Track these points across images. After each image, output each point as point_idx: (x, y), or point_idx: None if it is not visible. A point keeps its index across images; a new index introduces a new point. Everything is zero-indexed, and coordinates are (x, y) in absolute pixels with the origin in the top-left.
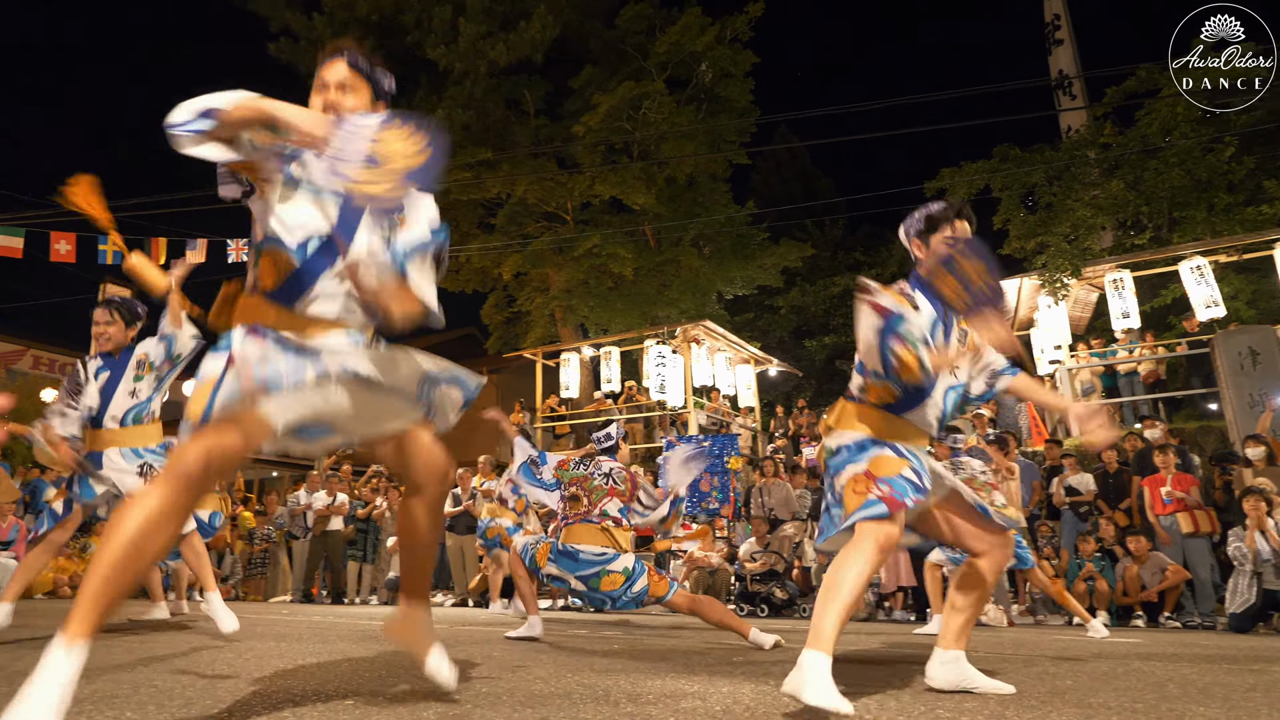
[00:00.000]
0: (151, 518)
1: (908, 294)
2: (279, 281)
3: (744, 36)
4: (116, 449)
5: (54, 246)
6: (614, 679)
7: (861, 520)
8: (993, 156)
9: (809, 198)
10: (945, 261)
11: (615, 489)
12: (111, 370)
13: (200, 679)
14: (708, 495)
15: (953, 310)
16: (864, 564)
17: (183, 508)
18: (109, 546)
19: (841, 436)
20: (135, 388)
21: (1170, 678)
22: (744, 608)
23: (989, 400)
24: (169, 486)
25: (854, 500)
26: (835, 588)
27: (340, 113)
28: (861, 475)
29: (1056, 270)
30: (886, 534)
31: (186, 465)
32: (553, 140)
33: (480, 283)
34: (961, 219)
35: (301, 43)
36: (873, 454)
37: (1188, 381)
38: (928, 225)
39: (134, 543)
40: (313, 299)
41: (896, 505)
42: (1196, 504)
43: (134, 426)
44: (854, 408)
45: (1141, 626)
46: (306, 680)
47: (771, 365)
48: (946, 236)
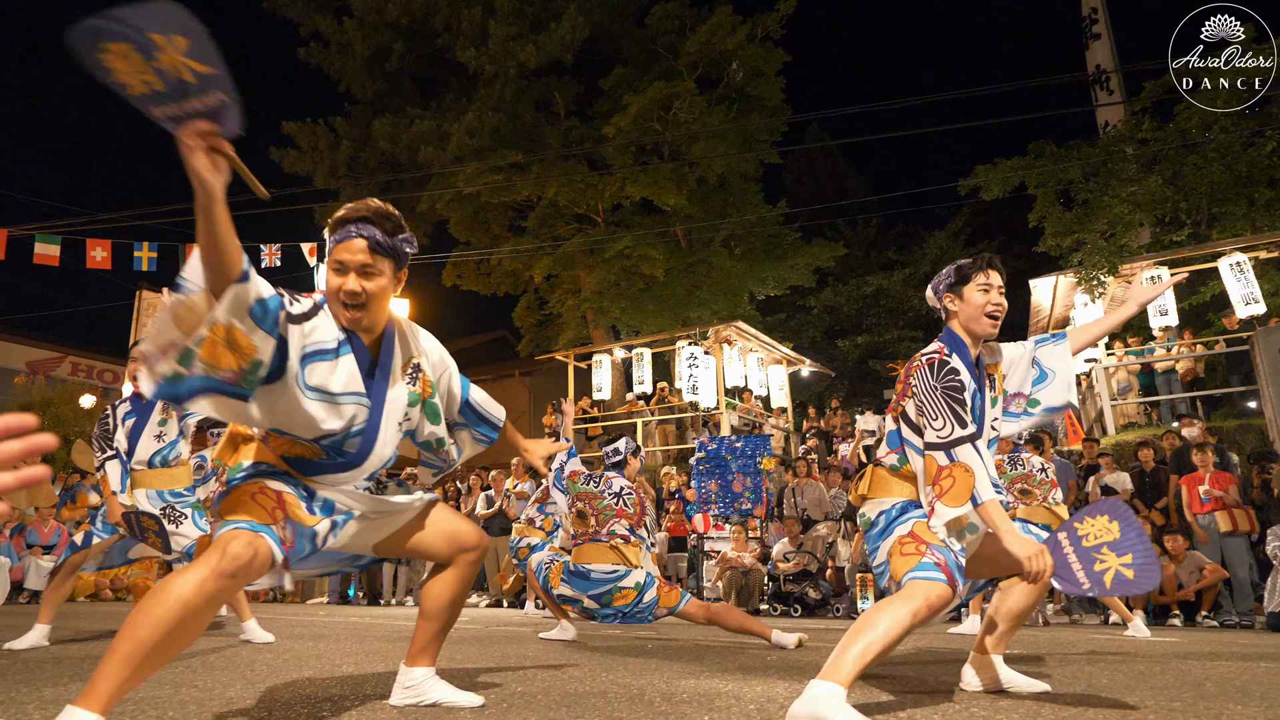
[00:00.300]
0: (189, 606)
1: (948, 360)
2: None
3: (775, 35)
4: (143, 490)
5: (90, 254)
6: (648, 679)
7: (915, 579)
8: (1028, 153)
9: (841, 196)
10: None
11: (624, 511)
12: (138, 415)
13: (240, 680)
14: (740, 496)
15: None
16: (907, 614)
17: (220, 600)
18: (141, 622)
19: (880, 504)
20: (161, 431)
21: (1208, 676)
22: (777, 608)
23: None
24: (215, 582)
25: (904, 562)
26: (869, 626)
27: (365, 301)
28: (908, 538)
29: (1093, 268)
30: (940, 594)
31: (237, 561)
32: (583, 142)
33: (512, 285)
34: (993, 268)
35: (332, 47)
36: (916, 518)
37: (1226, 379)
38: (960, 277)
39: (167, 629)
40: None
41: (952, 580)
42: (1235, 502)
43: (161, 469)
44: (887, 474)
45: (1179, 626)
46: (344, 681)
47: (804, 365)
48: (981, 284)
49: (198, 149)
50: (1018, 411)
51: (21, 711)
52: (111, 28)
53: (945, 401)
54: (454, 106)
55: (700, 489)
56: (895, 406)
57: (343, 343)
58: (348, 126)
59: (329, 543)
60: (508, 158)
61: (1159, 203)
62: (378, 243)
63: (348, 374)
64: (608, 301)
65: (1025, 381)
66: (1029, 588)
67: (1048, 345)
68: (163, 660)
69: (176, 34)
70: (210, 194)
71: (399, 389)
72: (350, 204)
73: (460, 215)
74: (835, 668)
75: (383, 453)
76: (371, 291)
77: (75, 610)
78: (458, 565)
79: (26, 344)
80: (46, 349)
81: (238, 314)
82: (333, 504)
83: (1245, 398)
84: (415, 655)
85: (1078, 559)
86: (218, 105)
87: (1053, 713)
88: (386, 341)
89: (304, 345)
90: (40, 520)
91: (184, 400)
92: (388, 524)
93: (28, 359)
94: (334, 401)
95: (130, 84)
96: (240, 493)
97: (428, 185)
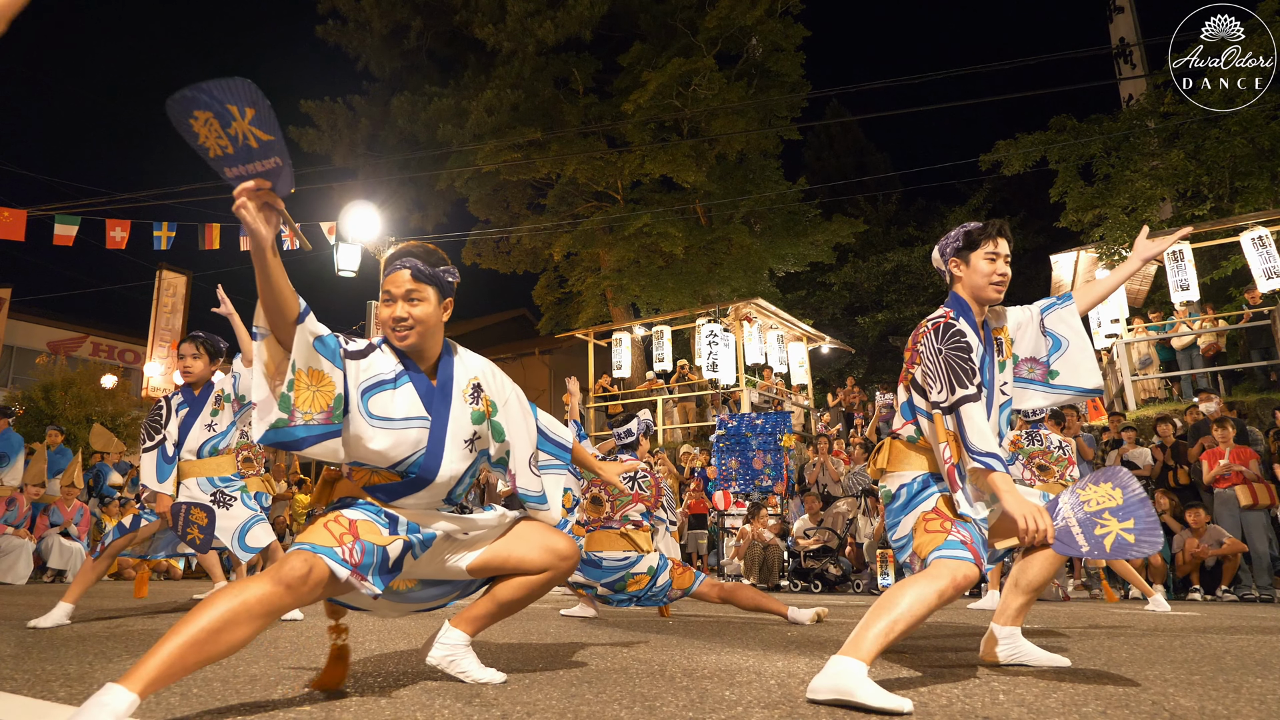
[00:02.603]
0: (247, 607)
1: (954, 323)
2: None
3: (795, 9)
4: (194, 479)
5: (109, 234)
6: (669, 655)
7: (942, 558)
8: (1049, 128)
9: (861, 172)
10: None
11: (640, 494)
12: (191, 405)
13: (264, 657)
14: (760, 473)
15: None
16: (933, 593)
17: (276, 610)
18: (196, 620)
19: (900, 477)
20: (212, 421)
21: (1227, 650)
22: (798, 584)
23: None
24: (272, 587)
25: (929, 539)
26: (892, 604)
27: (412, 324)
28: (932, 514)
29: (1115, 243)
30: (966, 574)
31: (293, 572)
32: (602, 119)
33: (531, 264)
34: (1002, 236)
35: (349, 24)
36: (939, 493)
37: (1247, 354)
38: (967, 242)
39: (217, 626)
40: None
41: (978, 558)
42: (1255, 476)
43: (210, 458)
44: (905, 447)
45: (1198, 600)
46: (368, 660)
47: (824, 342)
48: (989, 252)
49: (252, 204)
50: (1039, 381)
51: (47, 689)
52: (199, 98)
53: (950, 363)
54: (472, 84)
55: (721, 466)
56: (905, 375)
57: (401, 373)
58: (366, 104)
59: (409, 564)
60: (526, 135)
61: (1181, 177)
62: (420, 270)
63: (408, 400)
64: (627, 279)
65: (1039, 348)
66: (1047, 561)
67: (1055, 310)
68: (207, 653)
69: (247, 105)
70: (261, 243)
71: (461, 408)
72: (397, 245)
73: (479, 193)
74: (857, 644)
75: (451, 469)
76: (418, 316)
77: (99, 589)
78: (551, 570)
79: (48, 324)
80: (67, 329)
81: (309, 354)
82: (415, 525)
83: (1267, 372)
84: (463, 620)
85: (1078, 525)
86: (274, 168)
87: (1072, 686)
88: (444, 366)
89: (361, 380)
90: (64, 500)
91: (297, 449)
92: (476, 542)
93: (49, 339)
94: (398, 427)
95: (210, 147)
96: (315, 523)
97: (446, 163)
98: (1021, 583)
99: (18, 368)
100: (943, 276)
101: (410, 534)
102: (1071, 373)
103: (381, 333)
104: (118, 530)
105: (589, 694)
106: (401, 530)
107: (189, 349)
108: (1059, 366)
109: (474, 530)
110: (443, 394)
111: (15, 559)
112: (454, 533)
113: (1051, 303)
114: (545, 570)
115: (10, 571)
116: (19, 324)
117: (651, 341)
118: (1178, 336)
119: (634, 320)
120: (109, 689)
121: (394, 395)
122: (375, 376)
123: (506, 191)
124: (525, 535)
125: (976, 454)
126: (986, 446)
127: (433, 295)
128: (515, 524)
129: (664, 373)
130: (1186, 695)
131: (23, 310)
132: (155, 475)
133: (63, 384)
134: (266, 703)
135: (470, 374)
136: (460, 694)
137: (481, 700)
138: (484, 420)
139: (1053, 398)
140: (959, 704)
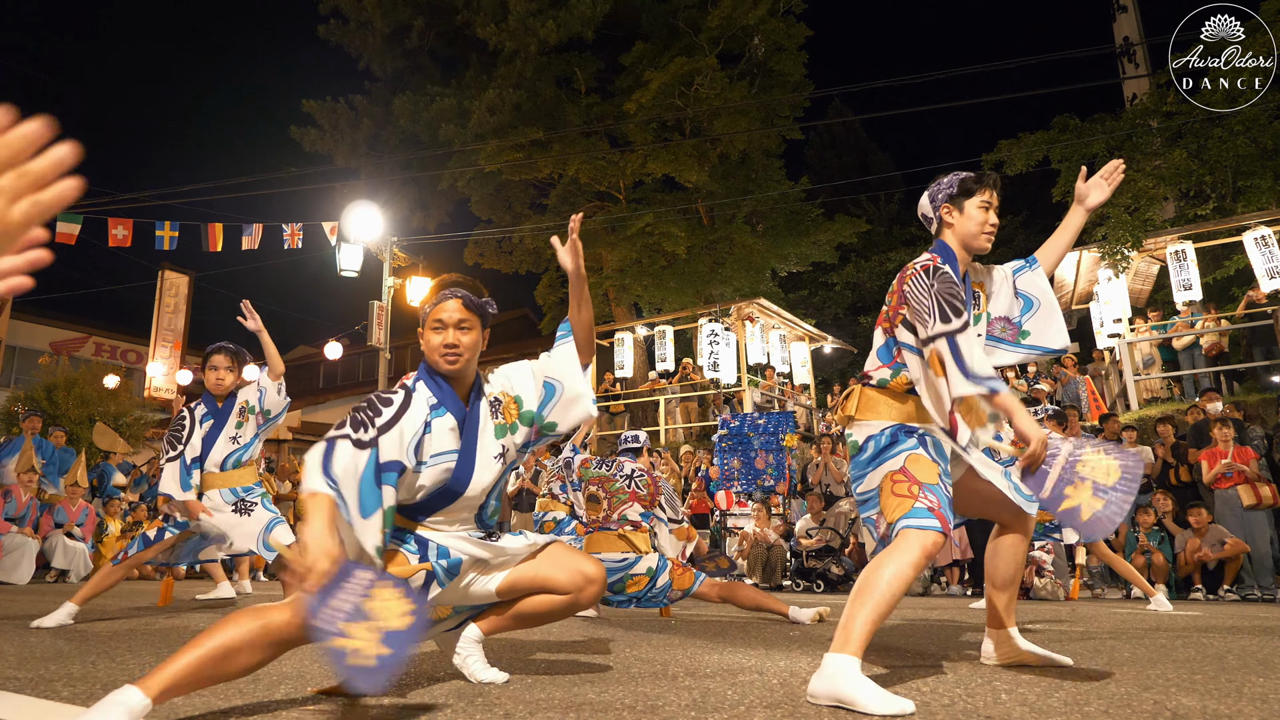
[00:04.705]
0: (268, 632)
1: (941, 267)
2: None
3: (797, 9)
4: (216, 490)
5: (111, 232)
6: (671, 654)
7: (909, 528)
8: (1052, 127)
9: (864, 172)
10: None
11: (636, 493)
12: (215, 418)
13: None
14: (763, 473)
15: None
16: (907, 567)
17: (293, 642)
18: (215, 636)
19: (869, 427)
20: (236, 434)
21: (1230, 649)
22: (800, 584)
23: (1051, 355)
24: (293, 618)
25: (897, 504)
26: (871, 588)
27: (461, 350)
28: (900, 475)
29: (1117, 242)
30: (934, 542)
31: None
32: (604, 119)
33: (533, 263)
34: (996, 187)
35: (351, 24)
36: (907, 451)
37: (1249, 354)
38: (963, 189)
39: (236, 647)
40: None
41: (944, 523)
42: (1257, 476)
43: (233, 470)
44: (875, 393)
45: (1200, 600)
46: None
47: (826, 342)
48: (983, 201)
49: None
50: (1010, 341)
51: (50, 689)
52: (328, 630)
53: (942, 297)
54: (474, 83)
55: (723, 466)
56: (885, 318)
57: (435, 406)
58: (368, 104)
59: (435, 590)
60: (528, 135)
61: (1183, 176)
62: (470, 301)
63: (443, 434)
64: (629, 279)
65: (1012, 309)
66: (1009, 552)
67: (1025, 272)
68: (222, 671)
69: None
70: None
71: (487, 426)
72: (442, 277)
73: (481, 193)
74: (845, 638)
75: (481, 480)
76: (466, 344)
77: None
78: (576, 593)
79: (50, 324)
80: (70, 329)
81: (376, 540)
82: (445, 550)
83: (1269, 372)
84: (481, 619)
85: (1060, 471)
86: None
87: (1075, 686)
88: (475, 390)
89: (404, 442)
90: (68, 500)
91: None
92: (503, 566)
93: (51, 339)
94: (431, 464)
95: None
96: None
97: (448, 163)
98: (996, 581)
99: (20, 368)
100: (928, 224)
101: (437, 560)
102: (1042, 333)
103: (424, 361)
104: (142, 541)
105: (591, 693)
106: (431, 556)
107: (223, 361)
108: (1030, 327)
109: (502, 555)
110: (473, 413)
111: (19, 558)
112: (482, 559)
113: (1021, 265)
114: (571, 591)
115: (13, 571)
116: (21, 324)
117: (654, 341)
118: (1180, 336)
119: (636, 320)
120: (127, 689)
121: (433, 435)
122: (414, 432)
123: (509, 191)
124: (556, 556)
125: (978, 379)
126: (986, 371)
127: (478, 325)
128: (545, 547)
129: (666, 372)
130: (1189, 695)
131: (25, 310)
132: (178, 485)
133: (65, 384)
134: (269, 703)
135: (493, 392)
136: (463, 693)
137: (485, 700)
138: (506, 433)
139: (1020, 356)
140: (961, 703)
